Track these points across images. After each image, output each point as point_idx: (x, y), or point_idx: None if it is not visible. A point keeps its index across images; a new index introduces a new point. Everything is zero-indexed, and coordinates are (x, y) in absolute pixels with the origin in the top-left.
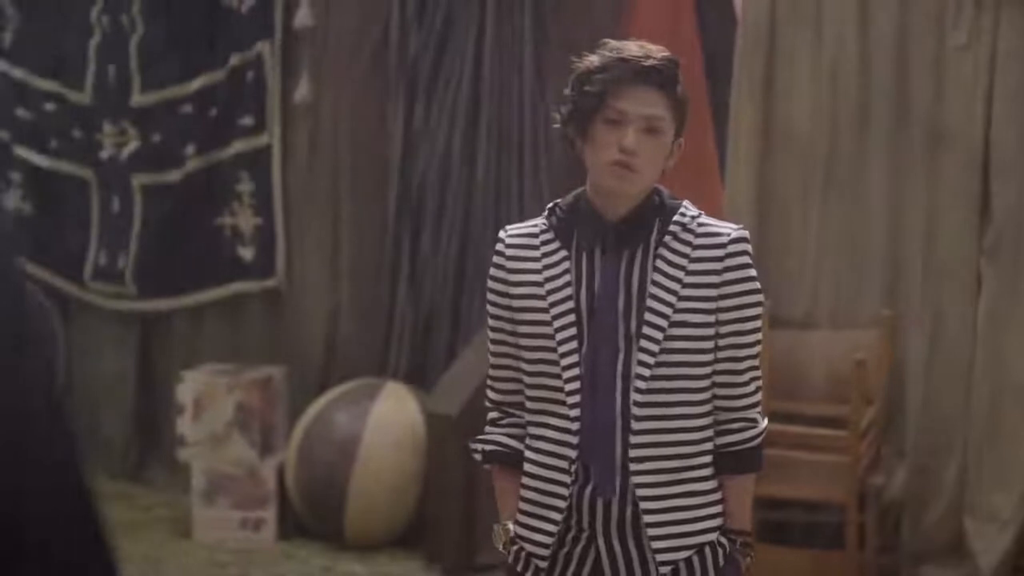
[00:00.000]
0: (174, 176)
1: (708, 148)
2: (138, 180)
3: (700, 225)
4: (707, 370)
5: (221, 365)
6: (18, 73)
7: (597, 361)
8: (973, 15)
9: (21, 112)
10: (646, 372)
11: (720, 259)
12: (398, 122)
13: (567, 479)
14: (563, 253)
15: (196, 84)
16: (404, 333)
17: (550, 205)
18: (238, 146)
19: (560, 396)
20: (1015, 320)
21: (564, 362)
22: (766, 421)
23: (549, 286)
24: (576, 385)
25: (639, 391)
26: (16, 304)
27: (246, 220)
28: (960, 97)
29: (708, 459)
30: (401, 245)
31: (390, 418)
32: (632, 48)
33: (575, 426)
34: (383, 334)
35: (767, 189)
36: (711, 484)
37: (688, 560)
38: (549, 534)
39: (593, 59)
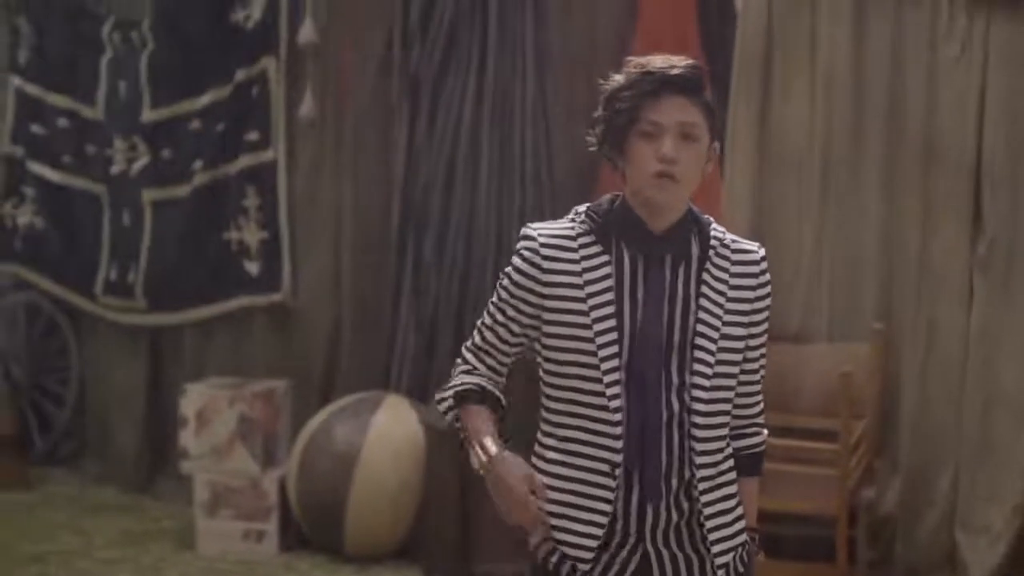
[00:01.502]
0: (183, 191)
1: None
2: (148, 195)
3: (733, 241)
4: (735, 380)
5: (224, 378)
6: (33, 89)
7: (642, 371)
8: (965, 26)
9: (36, 128)
10: (706, 383)
11: (755, 275)
12: (401, 137)
13: (611, 483)
14: (605, 258)
15: (204, 100)
16: (407, 347)
17: (581, 209)
18: (244, 161)
19: (599, 400)
20: (1007, 331)
21: (605, 366)
22: (766, 430)
23: (590, 290)
24: (618, 390)
25: (701, 400)
26: None
27: (252, 234)
28: (953, 108)
29: (732, 463)
30: (404, 259)
31: (389, 431)
32: (656, 60)
33: (618, 430)
34: (386, 347)
35: (763, 201)
36: (736, 487)
37: (732, 559)
38: (595, 538)
39: (619, 78)
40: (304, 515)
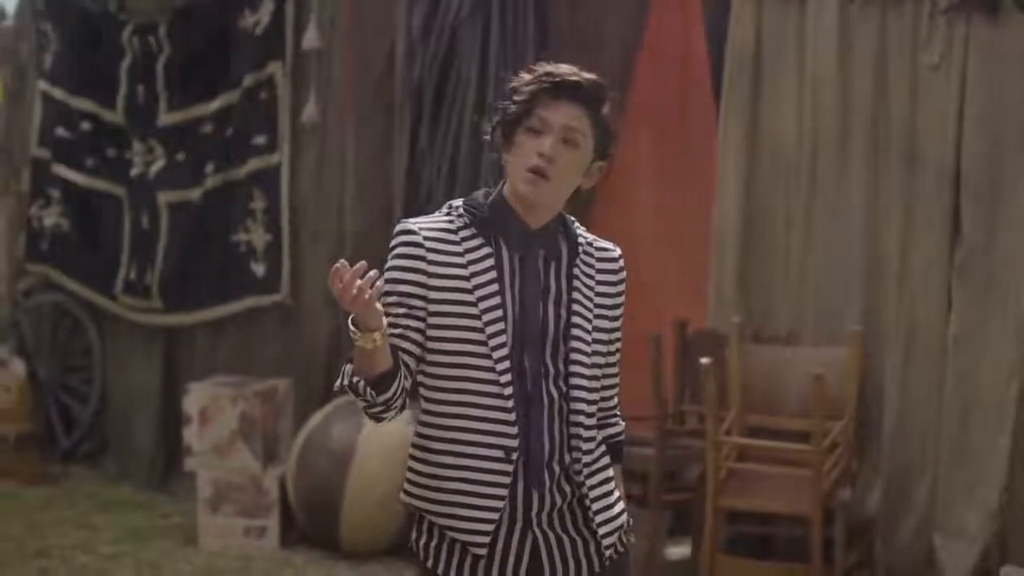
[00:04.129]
0: (195, 194)
1: (715, 163)
2: (164, 197)
3: (595, 241)
4: (601, 372)
5: (228, 377)
6: (58, 93)
7: (524, 358)
8: (945, 35)
9: (60, 131)
10: (585, 371)
11: (616, 272)
12: (403, 141)
13: (508, 467)
14: (487, 250)
15: (216, 104)
16: None
17: (456, 203)
18: (252, 164)
19: (492, 388)
20: (984, 337)
21: (496, 355)
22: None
23: (476, 281)
24: (510, 377)
25: (582, 388)
26: None
27: (259, 236)
28: (933, 115)
29: (604, 448)
30: None
31: (384, 429)
32: (563, 68)
33: (512, 416)
34: None
35: (753, 207)
36: (611, 471)
37: (616, 540)
38: (489, 521)
39: (525, 75)
40: (302, 512)
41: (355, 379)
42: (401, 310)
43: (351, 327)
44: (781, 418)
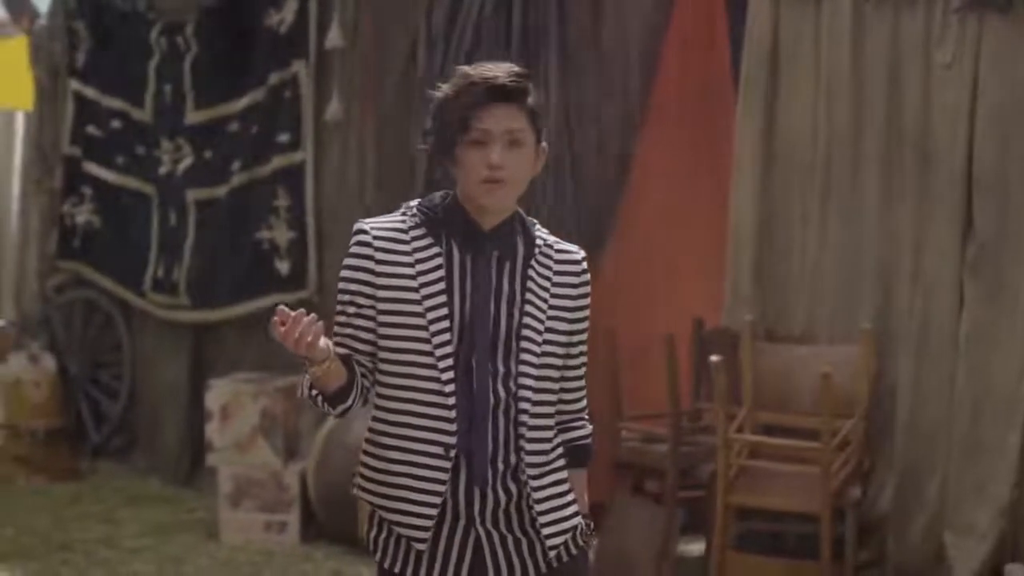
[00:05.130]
0: (221, 191)
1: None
2: (192, 195)
3: (556, 243)
4: (559, 373)
5: (249, 373)
6: (90, 92)
7: (471, 357)
8: (957, 34)
9: (91, 129)
10: (533, 372)
11: (577, 274)
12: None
13: (446, 464)
14: (436, 250)
15: (242, 103)
16: None
17: (411, 204)
18: (277, 162)
19: (434, 386)
20: (996, 334)
21: (439, 352)
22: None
23: (422, 280)
24: (452, 375)
25: (529, 388)
26: None
27: (282, 234)
28: (945, 113)
29: (561, 452)
30: None
31: None
32: (481, 71)
33: (452, 414)
34: None
35: (769, 206)
36: (566, 474)
37: (564, 543)
38: (428, 517)
39: (447, 88)
40: (322, 508)
41: (313, 392)
42: (352, 309)
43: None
44: (794, 416)
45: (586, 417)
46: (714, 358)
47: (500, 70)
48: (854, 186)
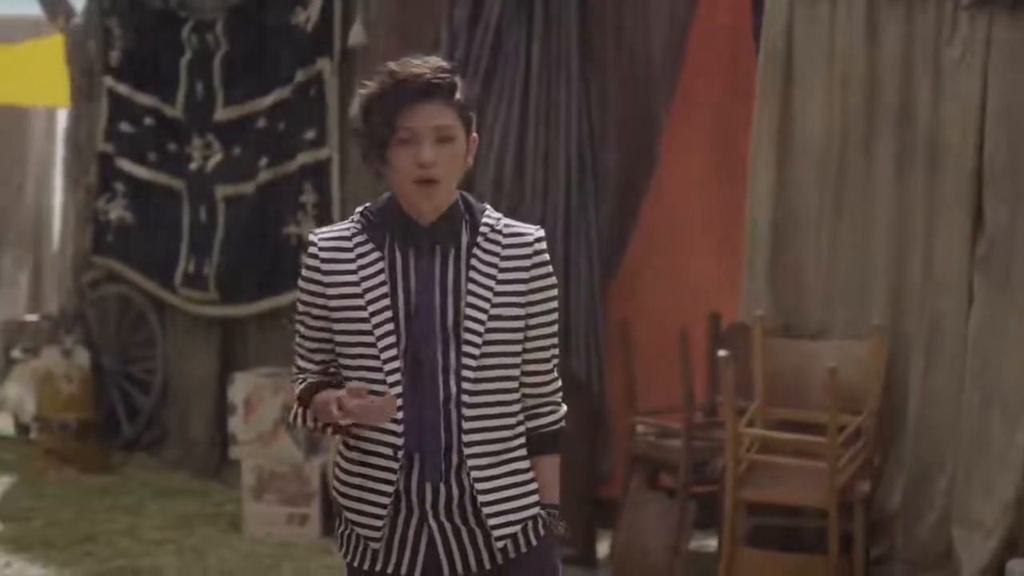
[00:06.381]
0: (249, 187)
1: None
2: (221, 191)
3: (507, 226)
4: (519, 360)
5: (272, 367)
6: (123, 89)
7: (419, 356)
8: (967, 31)
9: (125, 126)
10: (472, 363)
11: (528, 256)
12: None
13: (394, 464)
14: (377, 254)
15: (269, 99)
16: None
17: (360, 209)
18: (303, 159)
19: (382, 388)
20: (1005, 331)
21: (384, 356)
22: (565, 407)
23: (365, 285)
24: (398, 377)
25: (468, 380)
26: None
27: (308, 229)
28: (956, 109)
29: (523, 441)
30: None
31: None
32: (406, 68)
33: (399, 415)
34: None
35: (784, 202)
36: (528, 463)
37: (517, 533)
38: (379, 516)
39: (373, 87)
40: None
41: (319, 424)
42: (311, 321)
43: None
44: (807, 411)
45: (557, 401)
46: (722, 353)
47: (425, 67)
48: (867, 182)
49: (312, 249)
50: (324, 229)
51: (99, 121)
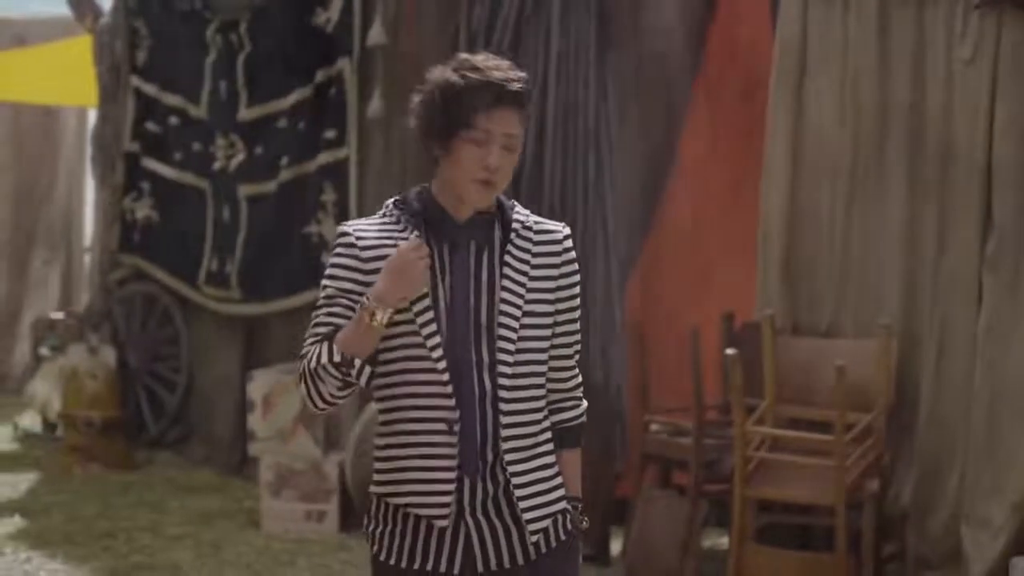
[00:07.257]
0: (271, 187)
1: None
2: (244, 190)
3: (536, 223)
4: (547, 355)
5: (292, 364)
6: (149, 89)
7: (455, 349)
8: (978, 30)
9: (150, 125)
10: (509, 359)
11: (558, 254)
12: None
13: (452, 439)
14: None
15: (290, 99)
16: None
17: (390, 202)
18: (323, 158)
19: (430, 377)
20: (1015, 330)
21: (430, 343)
22: (585, 402)
23: None
24: (445, 364)
25: (505, 376)
26: None
27: (329, 228)
28: (966, 109)
29: (549, 435)
30: None
31: None
32: (492, 69)
33: (449, 389)
34: None
35: (797, 202)
36: (553, 458)
37: (548, 527)
38: (446, 493)
39: (454, 77)
40: (359, 497)
41: (347, 355)
42: (339, 309)
43: (374, 304)
44: (817, 409)
45: (579, 396)
46: (728, 351)
47: (512, 73)
48: (879, 182)
49: (347, 239)
50: (356, 221)
51: (125, 120)
